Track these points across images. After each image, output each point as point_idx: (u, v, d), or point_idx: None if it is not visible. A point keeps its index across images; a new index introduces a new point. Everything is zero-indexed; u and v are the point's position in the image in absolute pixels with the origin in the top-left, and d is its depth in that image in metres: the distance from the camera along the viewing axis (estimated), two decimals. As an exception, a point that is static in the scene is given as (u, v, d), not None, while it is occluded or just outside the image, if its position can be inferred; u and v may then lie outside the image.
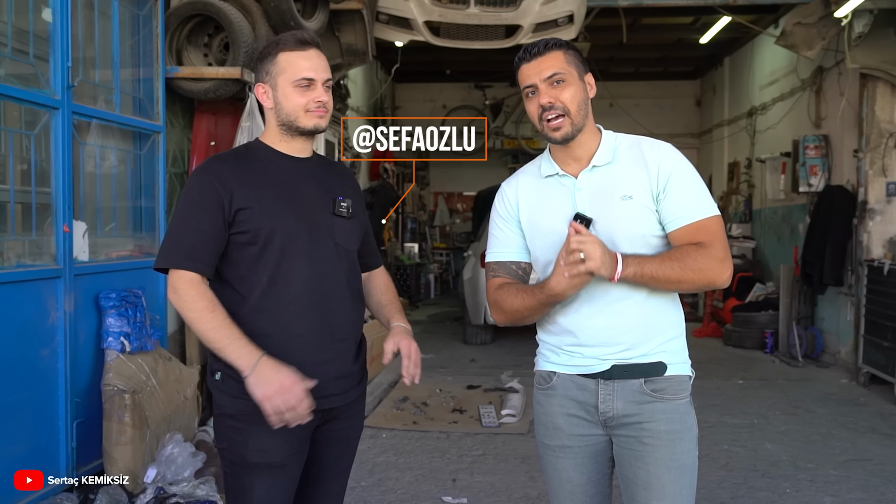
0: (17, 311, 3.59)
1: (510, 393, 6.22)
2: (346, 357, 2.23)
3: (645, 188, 2.06)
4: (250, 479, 2.12)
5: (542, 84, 2.05)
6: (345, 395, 2.23)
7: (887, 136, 7.09)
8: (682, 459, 2.07)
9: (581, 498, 2.18)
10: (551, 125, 2.05)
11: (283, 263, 2.13)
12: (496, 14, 6.77)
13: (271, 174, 2.19)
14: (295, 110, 2.16)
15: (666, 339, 2.10)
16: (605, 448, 2.16)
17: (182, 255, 2.08)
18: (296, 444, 2.15)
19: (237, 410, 2.12)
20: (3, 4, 3.65)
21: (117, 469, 3.94)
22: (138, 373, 4.18)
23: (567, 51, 2.08)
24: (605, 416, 2.10)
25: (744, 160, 10.98)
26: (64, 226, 3.86)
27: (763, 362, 8.11)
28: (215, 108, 5.40)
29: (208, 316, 2.05)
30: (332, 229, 2.21)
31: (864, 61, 6.84)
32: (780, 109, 9.55)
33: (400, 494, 4.23)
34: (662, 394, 2.07)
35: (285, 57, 2.16)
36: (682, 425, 2.08)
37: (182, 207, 2.17)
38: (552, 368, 2.17)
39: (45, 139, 3.80)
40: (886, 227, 7.13)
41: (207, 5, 4.99)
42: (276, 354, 2.09)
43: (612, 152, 2.12)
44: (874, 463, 4.76)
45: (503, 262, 2.22)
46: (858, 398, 6.49)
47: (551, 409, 2.17)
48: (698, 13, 9.66)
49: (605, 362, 2.07)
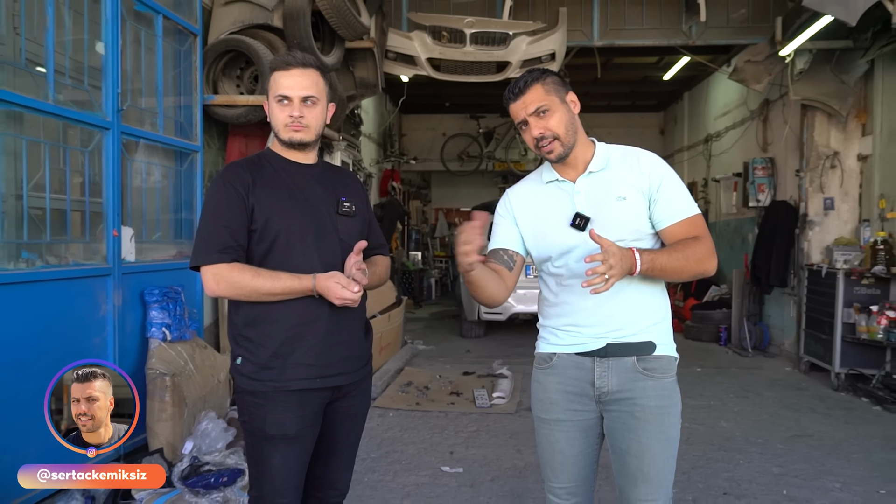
0: (73, 304, 3.56)
1: (500, 378, 6.20)
2: (353, 340, 2.18)
3: (637, 190, 2.02)
4: (269, 449, 2.08)
5: (530, 118, 2.01)
6: (353, 374, 2.18)
7: (824, 159, 7.08)
8: (669, 432, 2.03)
9: (569, 469, 2.12)
10: (545, 150, 2.02)
11: (294, 257, 2.07)
12: (489, 52, 6.78)
13: (281, 178, 2.13)
14: (277, 124, 2.13)
15: (654, 321, 2.05)
16: (595, 423, 2.10)
17: (213, 251, 2.03)
18: (309, 418, 2.10)
19: (255, 389, 2.08)
20: (63, 39, 3.62)
21: (159, 442, 3.89)
22: (178, 359, 4.15)
23: (544, 82, 2.02)
24: (600, 391, 2.04)
25: (701, 180, 10.97)
26: (113, 231, 3.84)
27: (718, 353, 8.08)
28: (246, 131, 5.39)
29: (256, 278, 2.01)
30: (336, 227, 2.15)
31: (804, 94, 6.85)
32: (732, 136, 9.55)
33: (405, 465, 4.18)
34: (653, 372, 2.02)
35: (273, 76, 2.12)
36: (670, 401, 2.03)
37: (207, 209, 2.11)
38: (552, 350, 2.11)
39: (97, 156, 3.78)
40: (824, 236, 7.11)
41: (240, 42, 4.99)
42: (290, 338, 2.06)
43: (606, 160, 2.08)
44: (814, 438, 4.73)
45: (495, 250, 2.17)
46: (800, 383, 6.46)
47: (549, 385, 2.11)
48: (662, 53, 9.66)
49: (600, 340, 2.03)
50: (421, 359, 7.60)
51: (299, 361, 2.06)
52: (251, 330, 2.08)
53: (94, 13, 3.75)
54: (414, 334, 9.13)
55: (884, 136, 6.60)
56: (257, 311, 2.07)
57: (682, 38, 7.16)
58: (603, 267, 1.77)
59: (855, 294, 6.12)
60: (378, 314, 6.83)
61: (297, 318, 2.06)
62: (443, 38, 6.86)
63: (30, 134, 3.41)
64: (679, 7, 7.09)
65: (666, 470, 2.02)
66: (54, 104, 3.38)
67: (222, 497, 3.04)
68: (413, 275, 13.07)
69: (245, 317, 2.09)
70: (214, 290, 2.05)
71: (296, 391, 2.06)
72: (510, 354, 7.59)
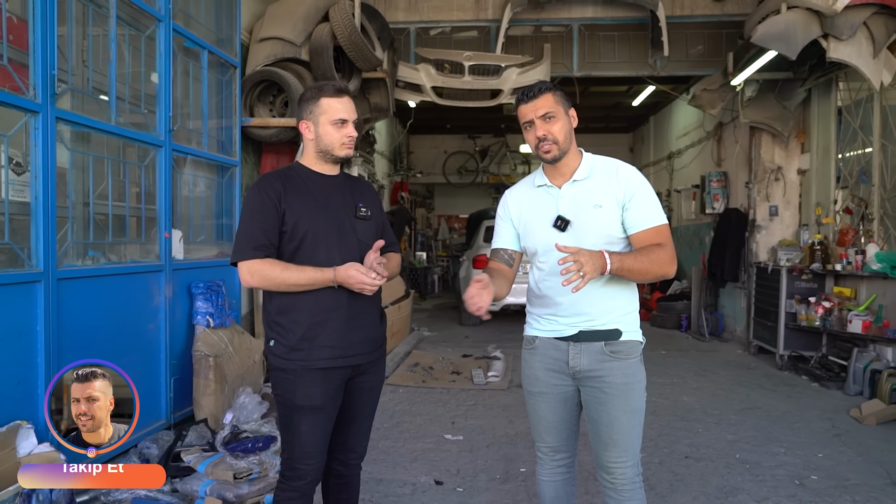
0: (132, 295, 3.57)
1: (494, 360, 6.17)
2: (370, 326, 2.18)
3: (613, 199, 2.02)
4: (298, 418, 2.08)
5: (537, 120, 2.01)
6: (369, 355, 2.18)
7: (769, 172, 7.07)
8: (634, 404, 2.03)
9: (553, 432, 2.14)
10: (543, 149, 2.02)
11: (319, 254, 2.07)
12: (484, 81, 6.78)
13: (308, 187, 2.13)
14: (333, 143, 2.12)
15: (621, 313, 2.05)
16: (573, 395, 2.10)
17: (249, 249, 2.03)
18: (332, 392, 2.10)
19: (286, 367, 2.07)
20: (124, 71, 3.63)
21: (203, 413, 3.90)
22: (219, 342, 4.15)
23: (555, 92, 2.03)
24: (573, 370, 2.05)
25: (665, 191, 10.94)
26: (165, 233, 3.84)
27: (680, 338, 8.07)
28: (277, 149, 5.40)
29: (285, 272, 2.00)
30: (354, 229, 2.14)
31: (752, 117, 6.85)
32: (691, 153, 9.54)
33: (413, 433, 4.17)
34: (618, 355, 2.02)
35: (326, 101, 2.11)
36: (634, 378, 2.03)
37: (245, 213, 2.10)
38: (535, 333, 2.13)
39: (152, 169, 3.79)
40: (769, 238, 7.10)
41: (273, 73, 5.00)
42: (316, 324, 2.06)
43: (590, 170, 2.07)
44: (763, 410, 4.72)
45: (497, 250, 2.19)
46: (750, 364, 6.45)
47: (534, 363, 2.13)
48: (631, 83, 9.66)
49: (573, 328, 2.04)
50: (426, 343, 7.60)
51: (324, 343, 2.06)
52: (282, 317, 2.08)
53: (150, 49, 3.76)
54: (420, 322, 9.13)
55: (819, 153, 6.59)
56: (287, 301, 2.07)
57: (648, 70, 7.16)
58: (575, 266, 1.77)
59: (796, 287, 6.12)
60: (390, 305, 6.82)
61: (322, 307, 2.06)
62: (445, 69, 6.86)
63: (95, 151, 3.42)
64: (646, 44, 7.08)
65: (633, 436, 2.02)
66: (116, 125, 3.39)
67: (258, 460, 3.03)
68: (419, 272, 13.05)
69: (277, 306, 2.09)
70: (249, 281, 2.04)
71: (321, 369, 2.06)
72: (503, 339, 7.58)
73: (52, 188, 2.87)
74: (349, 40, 5.27)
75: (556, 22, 7.11)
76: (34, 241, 2.83)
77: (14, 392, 2.73)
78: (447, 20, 7.15)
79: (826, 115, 6.47)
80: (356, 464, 2.29)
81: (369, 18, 5.96)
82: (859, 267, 5.40)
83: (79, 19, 3.28)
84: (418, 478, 3.39)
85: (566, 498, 2.22)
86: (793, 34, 5.12)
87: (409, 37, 7.17)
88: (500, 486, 3.30)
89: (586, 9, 7.02)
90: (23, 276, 2.77)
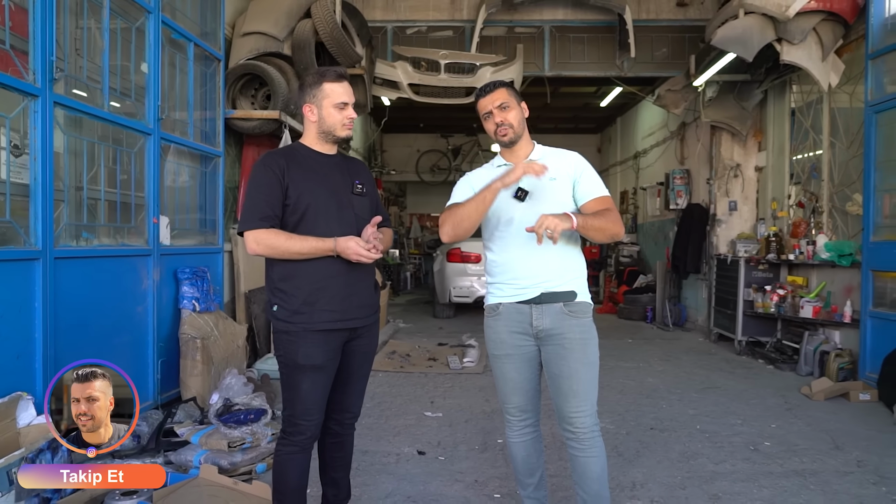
0: (122, 277, 3.66)
1: (469, 348, 6.32)
2: (365, 292, 2.33)
3: (566, 174, 2.29)
4: (299, 377, 2.21)
5: (495, 110, 2.29)
6: (365, 319, 2.33)
7: (729, 169, 7.40)
8: (591, 357, 2.24)
9: (519, 392, 2.35)
10: (500, 133, 2.31)
11: (319, 226, 2.21)
12: (459, 79, 6.97)
13: (309, 164, 2.27)
14: (335, 124, 2.28)
15: (575, 276, 2.29)
16: (535, 355, 2.31)
17: (256, 219, 2.16)
18: (331, 353, 2.24)
19: (289, 329, 2.21)
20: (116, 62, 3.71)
21: (190, 393, 4.00)
22: (205, 326, 4.25)
23: (509, 88, 2.33)
24: (537, 329, 2.25)
25: (631, 189, 11.23)
26: (154, 218, 3.93)
27: (645, 329, 8.34)
28: (259, 141, 5.49)
29: (289, 241, 2.14)
30: (352, 204, 2.29)
31: (713, 117, 7.16)
32: (656, 152, 9.83)
33: (394, 411, 4.33)
34: (575, 314, 2.24)
35: (329, 86, 2.26)
36: (589, 335, 2.25)
37: (251, 186, 2.22)
38: (499, 301, 2.32)
39: (141, 156, 3.88)
40: (729, 232, 7.41)
41: (255, 67, 5.10)
42: (316, 290, 2.19)
43: (541, 155, 2.35)
44: (721, 390, 4.99)
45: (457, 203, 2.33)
46: (711, 350, 6.75)
47: (499, 328, 2.32)
48: (599, 84, 9.94)
49: (535, 290, 2.25)
50: (402, 334, 7.73)
51: (324, 308, 2.20)
52: (285, 283, 2.22)
53: (140, 41, 3.86)
54: (395, 315, 9.25)
55: (775, 151, 6.96)
56: (289, 269, 2.21)
57: (616, 71, 7.43)
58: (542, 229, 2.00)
59: (753, 277, 6.45)
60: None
61: (321, 275, 2.20)
62: (422, 67, 7.04)
63: (88, 137, 3.51)
64: (614, 45, 7.36)
65: (590, 387, 2.23)
66: (108, 112, 3.49)
67: (250, 430, 3.16)
68: (392, 268, 13.19)
69: (279, 273, 2.23)
70: (255, 249, 2.17)
71: (321, 331, 2.20)
72: (476, 329, 7.71)
73: (51, 170, 2.96)
74: (331, 36, 5.40)
75: (529, 23, 7.35)
76: (33, 220, 2.92)
77: (14, 365, 2.82)
78: (423, 20, 7.33)
79: (781, 116, 6.83)
80: (351, 423, 2.44)
81: (349, 16, 6.11)
82: (810, 256, 5.75)
83: (73, 9, 3.37)
84: (402, 449, 3.56)
85: (536, 455, 2.43)
86: (750, 38, 5.45)
87: (387, 35, 7.32)
88: (479, 454, 3.49)
89: (557, 11, 7.29)
90: (23, 252, 2.86)
